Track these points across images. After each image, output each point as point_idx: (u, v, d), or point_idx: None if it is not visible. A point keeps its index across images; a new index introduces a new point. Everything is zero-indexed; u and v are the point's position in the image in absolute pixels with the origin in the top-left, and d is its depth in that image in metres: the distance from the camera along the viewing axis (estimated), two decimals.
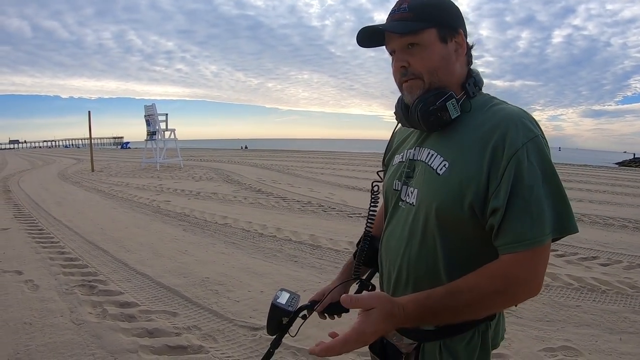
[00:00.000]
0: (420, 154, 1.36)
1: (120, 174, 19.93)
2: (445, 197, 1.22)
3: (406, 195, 1.37)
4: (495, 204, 1.14)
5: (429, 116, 1.27)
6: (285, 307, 1.57)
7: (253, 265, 5.91)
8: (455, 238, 1.24)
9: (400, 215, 1.39)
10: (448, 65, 1.29)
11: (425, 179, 1.29)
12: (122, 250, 6.70)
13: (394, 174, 1.47)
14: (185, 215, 9.50)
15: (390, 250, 1.41)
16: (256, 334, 3.88)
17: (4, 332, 3.99)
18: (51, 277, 5.47)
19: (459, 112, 1.27)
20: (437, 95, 1.27)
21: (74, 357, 3.56)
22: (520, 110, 1.23)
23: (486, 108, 1.27)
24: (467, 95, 1.31)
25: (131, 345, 3.70)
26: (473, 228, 1.21)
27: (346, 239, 7.12)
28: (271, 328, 1.61)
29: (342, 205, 10.51)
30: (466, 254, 1.25)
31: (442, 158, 1.26)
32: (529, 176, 1.12)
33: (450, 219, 1.22)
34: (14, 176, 19.77)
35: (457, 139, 1.26)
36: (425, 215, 1.27)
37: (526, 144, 1.14)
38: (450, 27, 1.29)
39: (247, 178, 16.77)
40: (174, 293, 4.91)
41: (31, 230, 8.15)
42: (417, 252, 1.30)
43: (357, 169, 21.10)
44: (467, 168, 1.19)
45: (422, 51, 1.28)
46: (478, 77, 1.34)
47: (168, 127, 24.87)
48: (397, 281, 1.37)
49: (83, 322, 4.17)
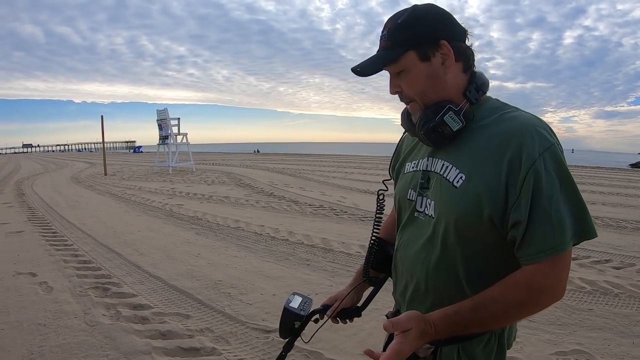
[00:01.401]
0: (434, 165, 1.35)
1: (132, 178, 20.05)
2: (464, 210, 1.21)
3: (423, 207, 1.37)
4: (517, 217, 1.14)
5: (430, 133, 1.28)
6: (298, 311, 1.59)
7: (265, 268, 5.92)
8: (475, 248, 1.24)
9: (418, 226, 1.38)
10: (436, 82, 1.27)
11: (442, 192, 1.28)
12: (135, 253, 6.74)
13: (407, 184, 1.45)
14: (198, 218, 9.52)
15: (407, 260, 1.41)
16: (268, 337, 3.88)
17: (18, 333, 4.02)
18: (65, 279, 5.50)
19: (461, 122, 1.26)
20: (435, 111, 1.26)
21: (88, 358, 3.58)
22: (534, 118, 1.21)
23: (497, 115, 1.25)
24: (470, 103, 1.29)
25: (144, 347, 3.71)
26: (493, 237, 1.21)
27: (358, 242, 7.10)
28: (283, 332, 1.62)
29: (354, 208, 10.49)
30: (487, 262, 1.25)
31: (457, 170, 1.25)
32: (547, 186, 1.12)
33: (470, 230, 1.22)
34: (28, 179, 19.97)
35: (471, 149, 1.25)
36: (444, 227, 1.26)
37: (543, 153, 1.13)
38: (429, 43, 1.25)
39: (259, 182, 16.80)
40: (187, 296, 4.92)
41: (45, 233, 8.22)
42: (437, 262, 1.29)
43: (369, 172, 21.06)
44: (484, 180, 1.18)
45: (407, 76, 1.29)
46: (481, 81, 1.31)
47: (180, 131, 24.98)
48: (416, 291, 1.37)
49: (96, 323, 4.19)
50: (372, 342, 3.63)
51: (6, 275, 5.70)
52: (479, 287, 1.23)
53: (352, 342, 3.69)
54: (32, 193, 14.45)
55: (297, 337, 1.63)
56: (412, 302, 1.39)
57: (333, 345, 3.62)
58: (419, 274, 1.35)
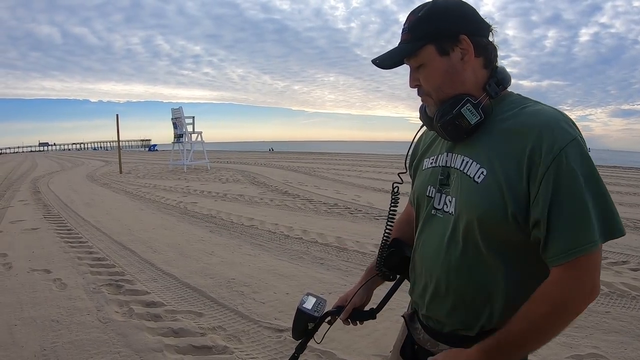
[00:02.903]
0: (453, 160, 1.31)
1: (147, 176, 20.15)
2: (487, 206, 1.17)
3: (443, 204, 1.33)
4: (536, 215, 1.10)
5: (447, 126, 1.25)
6: (311, 312, 1.58)
7: (279, 267, 5.88)
8: (500, 247, 1.20)
9: (437, 224, 1.34)
10: (453, 77, 1.25)
11: (463, 188, 1.25)
12: (149, 250, 6.74)
13: (426, 180, 1.42)
14: (212, 216, 9.52)
15: (426, 259, 1.37)
16: (281, 336, 3.84)
17: (31, 329, 4.03)
18: (79, 276, 5.51)
19: (479, 116, 1.22)
20: (452, 104, 1.24)
21: (100, 355, 3.56)
22: (556, 111, 1.17)
23: (518, 109, 1.21)
24: (489, 97, 1.25)
25: (156, 345, 3.69)
26: (518, 235, 1.16)
27: (372, 241, 7.03)
28: (297, 333, 1.62)
29: (369, 207, 10.42)
30: (513, 262, 1.21)
31: (478, 165, 1.22)
32: (569, 182, 1.07)
33: (493, 228, 1.18)
34: (44, 178, 20.16)
35: (491, 143, 1.21)
36: (466, 225, 1.22)
37: (564, 148, 1.08)
38: (448, 37, 1.23)
39: (273, 180, 16.79)
40: (200, 293, 4.90)
41: (60, 230, 8.27)
42: (458, 262, 1.25)
43: (384, 171, 20.97)
44: (506, 175, 1.15)
45: (425, 70, 1.27)
46: (502, 75, 1.28)
47: (195, 130, 25.06)
48: (436, 292, 1.33)
49: (109, 320, 4.18)
50: (386, 342, 3.57)
51: (21, 271, 5.72)
52: (504, 289, 1.20)
53: (365, 342, 3.64)
54: (48, 191, 14.58)
55: (310, 339, 1.62)
56: (432, 303, 1.35)
57: (346, 345, 3.57)
58: (439, 274, 1.30)
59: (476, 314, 1.25)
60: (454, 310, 1.29)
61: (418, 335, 1.44)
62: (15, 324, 4.13)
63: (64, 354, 3.57)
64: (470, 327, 1.27)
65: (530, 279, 1.19)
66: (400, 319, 1.59)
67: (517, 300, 1.18)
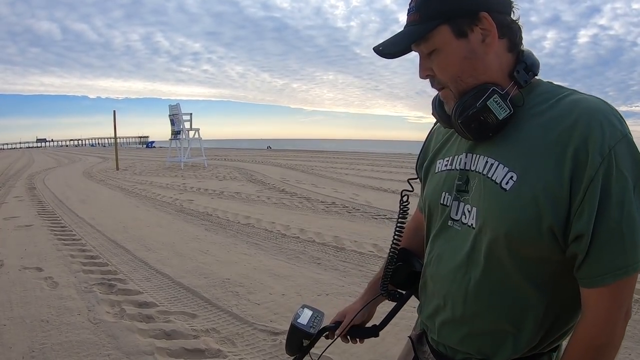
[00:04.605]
0: (474, 162, 1.12)
1: (144, 173, 20.06)
2: (517, 219, 0.98)
3: (460, 214, 1.14)
4: (580, 228, 0.92)
5: (470, 122, 1.05)
6: (307, 328, 1.45)
7: (275, 266, 5.77)
8: (531, 266, 1.02)
9: (453, 238, 1.16)
10: (474, 64, 1.05)
11: (487, 196, 1.05)
12: (143, 249, 6.64)
13: (440, 186, 1.22)
14: (208, 214, 9.42)
15: (438, 279, 1.19)
16: (276, 339, 3.73)
17: (20, 329, 3.93)
18: (71, 274, 5.41)
19: (509, 109, 1.02)
20: (476, 96, 1.04)
21: (89, 357, 3.46)
22: (601, 102, 0.98)
23: (554, 100, 1.02)
24: (518, 86, 1.06)
25: (147, 347, 3.59)
26: (554, 253, 0.99)
27: (371, 241, 6.92)
28: (291, 349, 1.50)
29: (367, 206, 10.31)
30: (547, 282, 1.03)
31: (506, 168, 1.02)
32: (619, 189, 0.90)
33: (525, 245, 1.00)
34: (40, 174, 20.06)
35: (523, 142, 1.02)
36: (490, 241, 1.04)
37: (614, 147, 0.91)
38: (466, 15, 1.02)
39: (271, 178, 16.69)
40: (194, 294, 4.80)
41: (54, 227, 8.17)
42: (478, 284, 1.08)
43: (382, 169, 20.85)
44: (542, 180, 0.95)
45: (439, 56, 1.07)
46: (530, 60, 1.07)
47: (192, 127, 24.98)
48: (449, 317, 1.16)
49: (100, 321, 4.08)
50: (384, 347, 3.47)
51: (12, 269, 5.63)
52: (535, 316, 1.04)
53: (363, 347, 3.49)
54: (44, 187, 14.48)
55: (306, 355, 1.50)
56: (443, 329, 1.18)
57: (343, 349, 3.47)
58: (454, 297, 1.13)
59: (497, 343, 1.09)
60: (469, 338, 1.12)
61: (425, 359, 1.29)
62: (4, 323, 4.03)
63: (53, 356, 3.47)
64: (488, 357, 1.11)
65: (567, 302, 1.04)
66: (397, 323, 1.48)
67: (550, 328, 1.05)
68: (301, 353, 1.49)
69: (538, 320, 1.04)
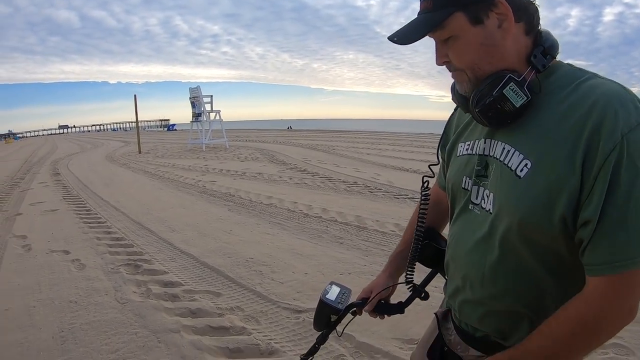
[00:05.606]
0: (492, 148, 1.11)
1: (166, 156, 20.22)
2: (529, 207, 0.98)
3: (480, 199, 1.14)
4: (587, 215, 0.91)
5: (487, 111, 1.03)
6: (335, 304, 1.49)
7: (298, 246, 5.81)
8: (545, 253, 1.02)
9: (472, 221, 1.16)
10: (492, 50, 1.02)
11: (503, 183, 1.05)
12: (167, 230, 6.72)
13: (461, 169, 1.22)
14: (231, 195, 9.48)
15: (458, 259, 1.21)
16: (299, 317, 3.76)
17: (49, 310, 4.02)
18: (97, 256, 5.51)
19: (526, 96, 1.00)
20: (492, 84, 1.02)
21: (117, 335, 3.53)
22: (619, 87, 0.94)
23: (573, 85, 0.98)
24: (536, 71, 1.03)
25: (173, 325, 3.64)
26: (567, 241, 0.98)
27: (392, 220, 6.90)
28: (318, 324, 1.53)
29: (388, 186, 10.26)
30: (560, 269, 1.03)
31: (521, 155, 1.01)
32: (628, 178, 0.87)
33: (537, 232, 0.99)
34: (63, 159, 20.35)
35: (539, 129, 1.00)
36: (505, 228, 1.04)
37: (627, 134, 0.87)
38: (481, 0, 0.99)
39: (292, 158, 16.70)
40: (218, 273, 4.85)
41: (79, 211, 8.31)
42: (493, 267, 1.09)
43: (403, 149, 20.69)
44: (555, 169, 0.94)
45: (455, 43, 1.04)
46: (549, 42, 1.04)
47: (213, 109, 25.03)
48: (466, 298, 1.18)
49: (127, 301, 4.15)
50: (405, 325, 3.48)
51: (40, 253, 5.74)
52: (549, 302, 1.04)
53: (385, 326, 3.53)
54: (68, 172, 14.71)
55: (333, 330, 1.54)
56: (463, 308, 1.21)
57: (365, 328, 3.48)
58: (472, 279, 1.15)
59: (514, 325, 1.10)
60: (487, 318, 1.14)
61: (449, 337, 1.30)
62: (33, 305, 4.12)
63: (82, 335, 3.54)
64: (505, 337, 1.13)
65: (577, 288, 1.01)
66: (419, 303, 1.49)
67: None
68: (328, 328, 1.53)
69: (555, 305, 1.03)
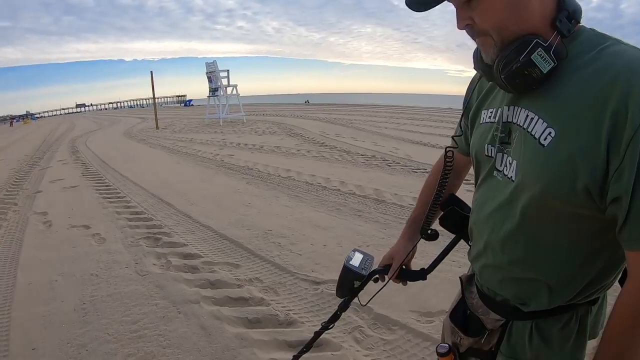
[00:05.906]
0: (516, 115, 1.06)
1: (184, 131, 20.29)
2: (552, 176, 0.94)
3: (502, 165, 1.11)
4: (618, 189, 0.86)
5: (514, 77, 0.98)
6: (359, 270, 1.49)
7: (316, 218, 5.80)
8: (565, 224, 1.00)
9: (495, 188, 1.14)
10: (518, 10, 0.95)
11: (526, 150, 1.01)
12: (186, 203, 6.75)
13: (484, 137, 1.18)
14: (249, 168, 9.49)
15: (479, 224, 1.20)
16: (318, 288, 3.76)
17: (71, 283, 4.07)
18: (117, 230, 5.56)
19: (553, 62, 0.95)
20: (518, 49, 0.96)
21: (138, 307, 3.56)
22: None
23: (596, 51, 0.93)
24: (561, 36, 0.96)
25: (193, 296, 3.67)
26: (589, 210, 0.94)
27: (411, 194, 6.84)
28: (342, 291, 1.54)
29: (407, 160, 10.18)
30: (579, 237, 1.00)
31: (545, 124, 0.96)
32: None
33: (558, 202, 0.96)
34: (82, 137, 20.51)
35: (563, 96, 0.95)
36: (526, 196, 1.01)
37: None
38: None
39: (310, 132, 16.63)
40: (237, 245, 4.87)
41: (98, 186, 8.38)
42: (511, 233, 1.07)
43: (422, 123, 20.47)
44: (580, 138, 0.90)
45: (481, 4, 0.96)
46: (573, 6, 0.97)
47: (230, 83, 24.97)
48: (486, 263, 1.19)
49: (147, 273, 4.19)
50: (424, 297, 3.46)
51: (61, 228, 5.81)
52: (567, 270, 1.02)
53: (403, 297, 3.51)
54: (86, 149, 14.84)
55: (355, 297, 1.54)
56: (484, 272, 1.22)
57: (382, 299, 3.46)
58: (492, 245, 1.14)
59: (532, 292, 1.09)
60: (506, 283, 1.14)
61: (472, 300, 1.29)
62: (55, 279, 4.18)
63: (103, 307, 3.59)
64: (523, 302, 1.11)
65: (604, 259, 1.01)
66: (436, 276, 1.47)
67: (588, 283, 1.04)
68: (352, 295, 1.53)
69: (573, 275, 1.03)
